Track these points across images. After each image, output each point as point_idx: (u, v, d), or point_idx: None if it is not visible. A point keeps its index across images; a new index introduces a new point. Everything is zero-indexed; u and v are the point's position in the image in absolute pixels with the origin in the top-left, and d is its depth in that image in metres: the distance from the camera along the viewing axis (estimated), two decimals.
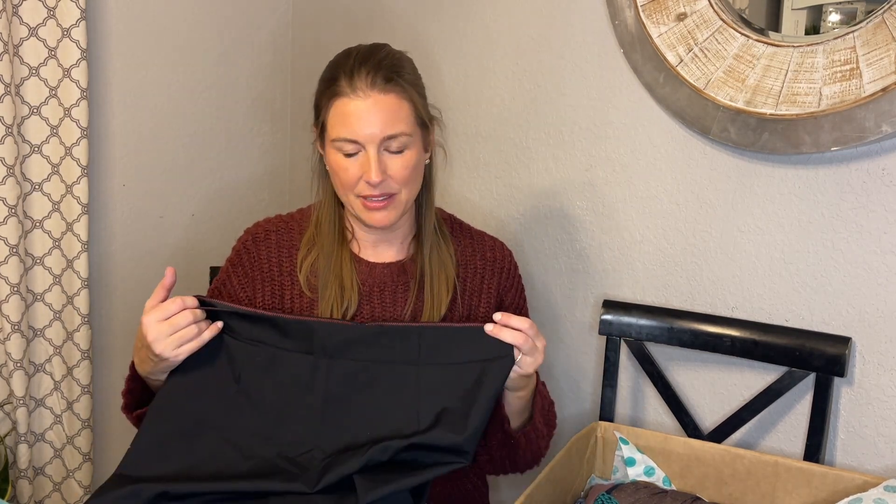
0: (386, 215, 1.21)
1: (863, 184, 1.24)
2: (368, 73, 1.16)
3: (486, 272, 1.34)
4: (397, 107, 1.17)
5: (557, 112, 1.60)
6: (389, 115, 1.16)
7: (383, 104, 1.16)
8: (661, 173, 1.47)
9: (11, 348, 1.70)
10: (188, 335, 1.12)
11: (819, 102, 1.21)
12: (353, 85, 1.16)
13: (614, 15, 1.47)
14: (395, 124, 1.17)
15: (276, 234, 1.32)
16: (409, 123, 1.19)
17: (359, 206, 1.22)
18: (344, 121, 1.17)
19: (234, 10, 2.03)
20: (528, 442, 1.26)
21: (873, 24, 1.17)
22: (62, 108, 1.71)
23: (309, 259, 1.29)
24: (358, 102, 1.16)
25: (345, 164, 1.19)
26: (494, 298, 1.34)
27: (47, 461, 1.84)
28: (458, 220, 1.40)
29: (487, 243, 1.37)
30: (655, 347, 1.48)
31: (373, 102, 1.16)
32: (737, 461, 1.26)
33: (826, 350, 1.27)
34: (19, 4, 1.64)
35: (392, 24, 1.90)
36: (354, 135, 1.17)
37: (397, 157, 1.19)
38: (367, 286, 1.29)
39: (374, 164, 1.17)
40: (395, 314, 1.28)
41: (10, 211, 1.65)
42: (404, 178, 1.20)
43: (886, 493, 1.12)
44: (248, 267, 1.31)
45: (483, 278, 1.33)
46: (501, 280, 1.35)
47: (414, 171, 1.21)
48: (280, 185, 2.21)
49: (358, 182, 1.19)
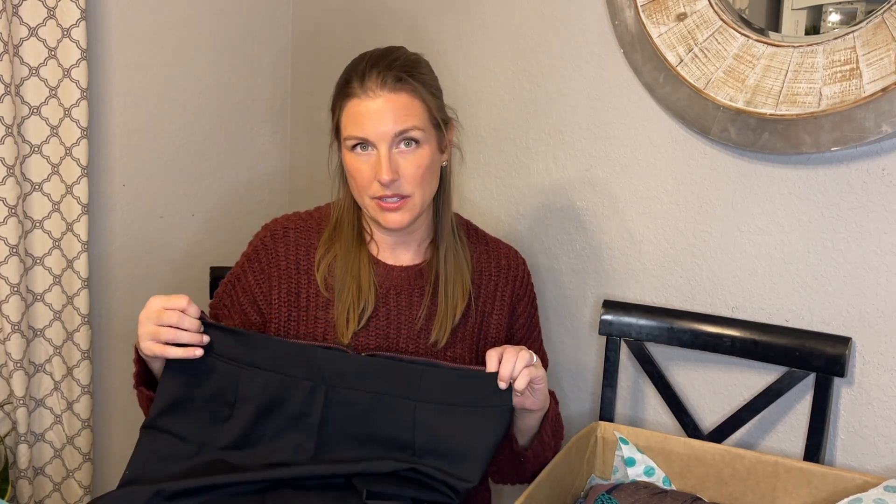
0: (400, 217, 1.21)
1: (863, 184, 1.24)
2: (379, 73, 1.18)
3: (501, 279, 1.34)
4: (409, 105, 1.18)
5: (557, 112, 1.60)
6: (400, 112, 1.18)
7: (394, 103, 1.18)
8: (661, 173, 1.47)
9: (11, 348, 1.70)
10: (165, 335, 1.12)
11: (819, 102, 1.21)
12: (365, 86, 1.18)
13: (614, 15, 1.47)
14: (406, 120, 1.18)
15: (294, 231, 1.32)
16: (421, 120, 1.19)
17: (373, 207, 1.22)
18: (355, 120, 1.19)
19: (234, 11, 2.03)
20: (536, 456, 1.26)
21: (873, 25, 1.17)
22: (62, 108, 1.71)
23: (327, 259, 1.29)
24: (369, 102, 1.18)
25: (358, 164, 1.20)
26: (508, 306, 1.34)
27: (47, 461, 1.84)
28: (475, 226, 1.40)
29: (503, 251, 1.38)
30: (655, 347, 1.48)
31: (383, 101, 1.17)
32: (737, 461, 1.26)
33: (826, 350, 1.27)
34: (19, 4, 1.64)
35: (392, 24, 1.90)
36: (365, 133, 1.18)
37: (409, 155, 1.19)
38: (385, 288, 1.29)
39: (385, 162, 1.17)
40: (411, 317, 1.29)
41: (10, 211, 1.65)
42: (417, 178, 1.20)
43: (886, 493, 1.12)
44: (265, 263, 1.31)
45: (497, 285, 1.34)
46: (515, 288, 1.36)
47: (427, 171, 1.21)
48: (280, 185, 2.21)
49: (372, 183, 1.20)
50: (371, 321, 1.27)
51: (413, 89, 1.19)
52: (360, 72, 1.19)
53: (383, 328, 1.28)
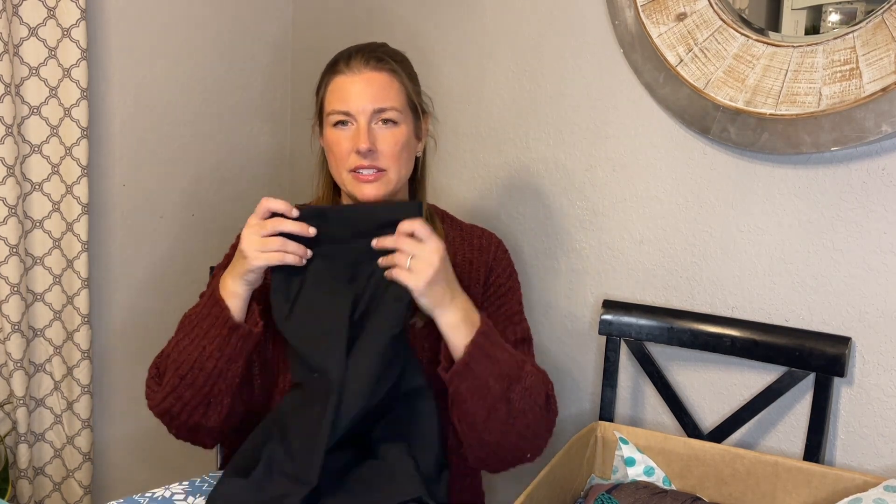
0: (375, 189, 1.25)
1: (863, 184, 1.24)
2: (363, 55, 1.26)
3: (475, 257, 1.37)
4: (388, 84, 1.26)
5: (557, 112, 1.60)
6: (380, 90, 1.25)
7: (375, 80, 1.25)
8: (661, 173, 1.47)
9: (11, 348, 1.70)
10: (273, 245, 1.18)
11: (819, 102, 1.21)
12: (350, 64, 1.26)
13: (614, 15, 1.47)
14: (385, 99, 1.24)
15: None
16: (399, 101, 1.26)
17: (350, 181, 1.26)
18: (338, 94, 1.26)
19: (234, 11, 2.03)
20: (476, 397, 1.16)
21: (873, 25, 1.17)
22: (62, 108, 1.71)
23: None
24: (353, 76, 1.25)
25: (337, 137, 1.26)
26: (483, 276, 1.36)
27: (47, 461, 1.84)
28: (451, 215, 1.44)
29: (476, 232, 1.41)
30: (655, 347, 1.48)
31: (366, 78, 1.25)
32: (737, 461, 1.26)
33: (826, 350, 1.27)
34: (19, 4, 1.64)
35: (392, 24, 1.90)
36: (346, 106, 1.24)
37: (388, 131, 1.25)
38: None
39: (364, 132, 1.23)
40: None
41: (10, 211, 1.65)
42: (395, 154, 1.25)
43: (886, 493, 1.12)
44: None
45: (471, 262, 1.36)
46: (488, 261, 1.37)
47: (404, 149, 1.26)
48: (280, 186, 2.21)
49: (350, 155, 1.24)
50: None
51: (393, 70, 1.27)
52: (347, 54, 1.28)
53: None
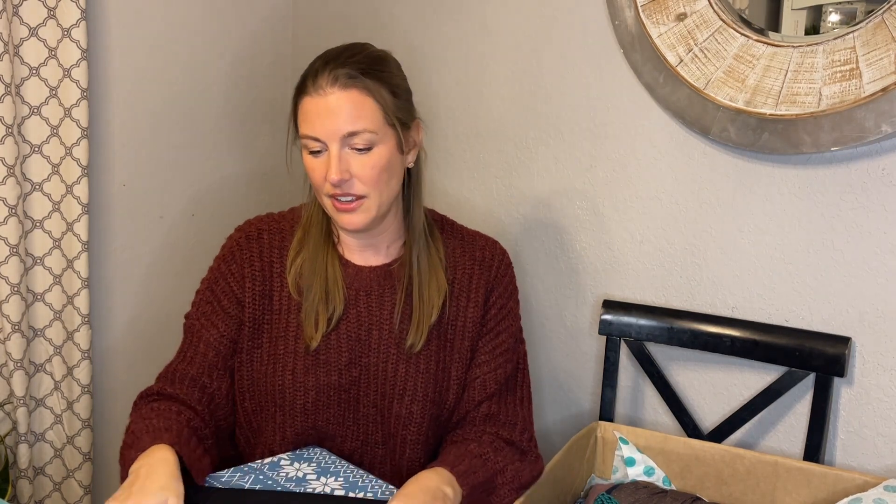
0: (355, 218, 1.19)
1: (863, 184, 1.24)
2: (331, 71, 1.15)
3: (475, 271, 1.31)
4: (360, 104, 1.15)
5: (557, 112, 1.60)
6: (350, 112, 1.15)
7: (344, 101, 1.15)
8: (661, 173, 1.47)
9: (11, 348, 1.70)
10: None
11: (819, 102, 1.21)
12: (316, 83, 1.16)
13: (614, 15, 1.47)
14: (355, 121, 1.15)
15: (268, 234, 1.30)
16: (373, 121, 1.16)
17: (330, 207, 1.20)
18: (306, 118, 1.17)
19: (234, 11, 2.03)
20: None
21: (873, 25, 1.17)
22: (62, 108, 1.71)
23: (298, 261, 1.27)
24: (318, 100, 1.15)
25: (313, 163, 1.19)
26: (482, 297, 1.30)
27: (47, 461, 1.84)
28: (451, 220, 1.37)
29: (479, 242, 1.34)
30: (655, 347, 1.48)
31: (334, 99, 1.15)
32: (737, 461, 1.26)
33: (826, 350, 1.27)
34: (19, 4, 1.64)
35: (392, 24, 1.90)
36: (315, 132, 1.16)
37: (363, 155, 1.16)
38: (354, 289, 1.27)
39: (335, 161, 1.15)
40: (382, 318, 1.26)
41: (10, 211, 1.65)
42: (371, 178, 1.17)
43: (886, 493, 1.12)
44: (240, 264, 1.29)
45: (472, 277, 1.30)
46: (489, 278, 1.31)
47: (384, 172, 1.18)
48: (280, 186, 2.21)
49: (325, 182, 1.18)
50: (341, 323, 1.25)
51: (365, 87, 1.15)
52: (314, 69, 1.17)
53: (354, 330, 1.26)
